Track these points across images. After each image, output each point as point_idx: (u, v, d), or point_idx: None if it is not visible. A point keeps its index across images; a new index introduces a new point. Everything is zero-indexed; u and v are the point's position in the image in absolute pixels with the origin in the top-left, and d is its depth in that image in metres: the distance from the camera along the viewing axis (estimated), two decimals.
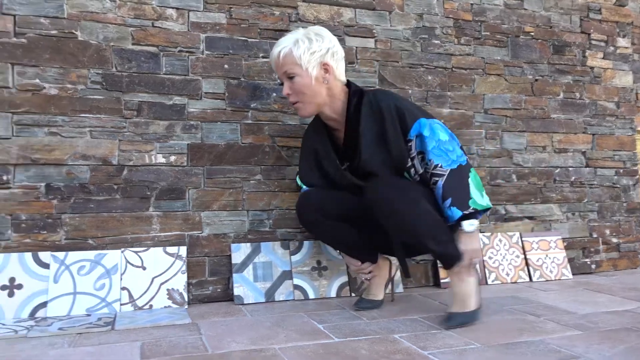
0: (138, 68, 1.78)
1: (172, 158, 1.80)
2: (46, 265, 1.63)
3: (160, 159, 1.79)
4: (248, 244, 1.84)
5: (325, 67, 1.58)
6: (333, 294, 1.86)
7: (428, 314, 1.59)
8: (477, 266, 1.59)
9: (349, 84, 1.66)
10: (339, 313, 1.63)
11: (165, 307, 1.69)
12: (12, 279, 1.59)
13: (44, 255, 1.64)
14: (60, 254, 1.65)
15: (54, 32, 1.71)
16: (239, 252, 1.82)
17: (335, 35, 1.98)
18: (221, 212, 1.84)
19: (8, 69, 1.66)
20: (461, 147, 1.58)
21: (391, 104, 1.58)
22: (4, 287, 1.58)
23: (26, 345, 1.30)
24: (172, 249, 1.75)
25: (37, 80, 1.69)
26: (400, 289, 1.94)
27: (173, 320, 1.52)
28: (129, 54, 1.78)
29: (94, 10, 1.75)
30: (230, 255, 1.82)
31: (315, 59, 1.57)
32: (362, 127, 1.59)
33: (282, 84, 1.63)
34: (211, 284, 1.81)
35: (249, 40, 1.92)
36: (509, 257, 2.14)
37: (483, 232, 2.17)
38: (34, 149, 1.67)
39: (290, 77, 1.59)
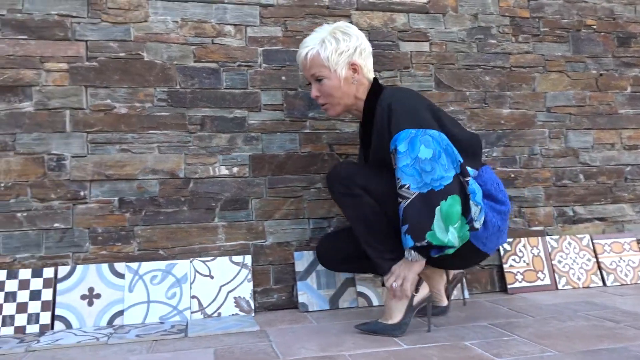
0: (200, 84, 1.85)
1: (235, 169, 1.86)
2: (121, 276, 1.71)
3: (224, 171, 1.85)
4: (310, 252, 1.86)
5: (354, 67, 1.56)
6: None
7: (497, 320, 1.55)
8: (408, 290, 1.44)
9: (375, 81, 1.61)
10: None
11: (233, 314, 1.74)
12: (91, 289, 1.68)
13: (119, 266, 1.72)
14: (134, 265, 1.73)
15: (122, 54, 1.80)
16: (302, 260, 1.84)
17: (389, 41, 2.01)
18: (283, 221, 1.87)
19: (82, 92, 1.77)
20: (460, 167, 1.40)
21: (385, 104, 1.47)
22: (84, 297, 1.67)
23: (108, 352, 1.37)
24: (238, 258, 1.80)
25: (109, 101, 1.79)
26: (465, 294, 1.90)
27: (242, 327, 1.56)
28: (192, 71, 1.85)
29: (158, 32, 1.84)
30: (293, 263, 1.85)
31: (344, 59, 1.54)
32: (374, 128, 1.53)
33: (309, 84, 1.61)
34: (276, 291, 1.84)
35: None
36: (579, 261, 2.05)
37: (550, 235, 2.09)
38: (107, 165, 1.77)
39: (319, 80, 1.57)
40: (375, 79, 1.61)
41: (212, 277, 1.77)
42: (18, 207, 1.70)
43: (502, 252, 2.00)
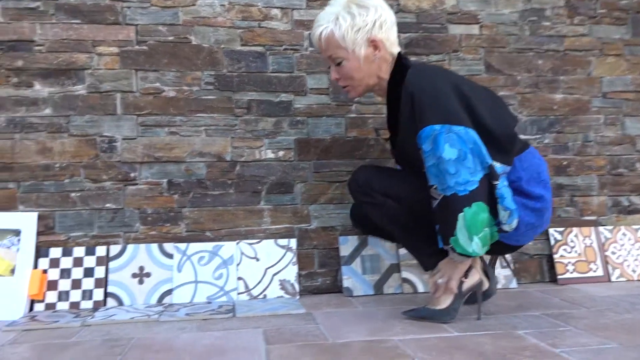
0: (247, 68, 1.86)
1: (281, 153, 1.86)
2: (170, 256, 1.75)
3: (270, 154, 1.85)
4: (355, 237, 1.84)
5: (374, 44, 1.41)
6: None
7: (550, 311, 1.51)
8: (454, 288, 1.43)
9: (399, 56, 1.46)
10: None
11: (278, 297, 1.75)
12: (141, 268, 1.72)
13: (168, 246, 1.76)
14: (182, 245, 1.76)
15: (170, 38, 1.82)
16: (347, 245, 1.83)
17: (437, 23, 1.96)
18: (328, 205, 1.87)
19: (132, 75, 1.80)
20: (489, 168, 1.30)
21: (408, 92, 1.35)
22: (134, 275, 1.71)
23: (160, 328, 1.40)
24: (283, 241, 1.81)
25: (158, 84, 1.81)
26: (514, 284, 1.86)
27: (288, 309, 1.56)
28: (238, 54, 1.86)
29: (206, 15, 1.84)
30: (338, 248, 1.84)
31: (362, 36, 1.39)
32: (400, 115, 1.42)
33: (329, 67, 1.50)
34: (320, 275, 1.84)
35: None
36: (634, 253, 1.96)
37: (604, 225, 2.01)
38: (157, 147, 1.80)
39: (337, 62, 1.45)
40: (399, 54, 1.47)
41: (257, 260, 1.78)
42: (72, 187, 1.75)
43: (552, 242, 1.94)
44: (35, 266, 1.68)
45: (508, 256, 1.74)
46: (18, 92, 1.74)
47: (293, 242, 1.81)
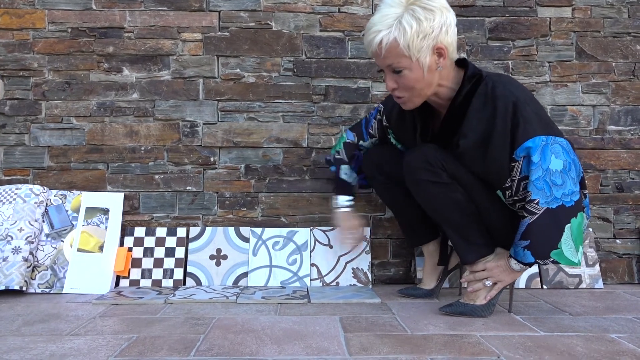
0: (325, 54, 1.84)
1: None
2: (246, 239, 1.78)
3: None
4: None
5: (440, 51, 1.27)
6: (522, 284, 1.75)
7: None
8: (494, 295, 1.39)
9: (464, 62, 1.36)
10: (535, 305, 1.52)
11: (350, 285, 1.74)
12: (218, 250, 1.77)
13: (244, 230, 1.79)
14: (258, 230, 1.79)
15: (252, 24, 1.84)
16: None
17: (526, 6, 1.85)
18: None
19: (214, 61, 1.83)
20: (582, 180, 1.32)
21: (509, 101, 1.26)
22: (212, 257, 1.76)
23: (239, 310, 1.44)
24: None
25: (238, 70, 1.84)
26: (600, 284, 1.75)
27: (363, 298, 1.55)
28: (317, 40, 1.85)
29: (286, 1, 1.85)
30: None
31: (428, 43, 1.25)
32: (465, 125, 1.32)
33: (381, 70, 1.35)
34: (393, 265, 1.82)
35: None
36: None
37: None
38: (236, 132, 1.83)
39: (397, 71, 1.30)
40: (465, 60, 1.36)
41: (331, 247, 1.78)
42: (156, 170, 1.82)
43: None
44: (121, 244, 1.76)
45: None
46: (108, 77, 1.82)
47: (367, 231, 1.79)
